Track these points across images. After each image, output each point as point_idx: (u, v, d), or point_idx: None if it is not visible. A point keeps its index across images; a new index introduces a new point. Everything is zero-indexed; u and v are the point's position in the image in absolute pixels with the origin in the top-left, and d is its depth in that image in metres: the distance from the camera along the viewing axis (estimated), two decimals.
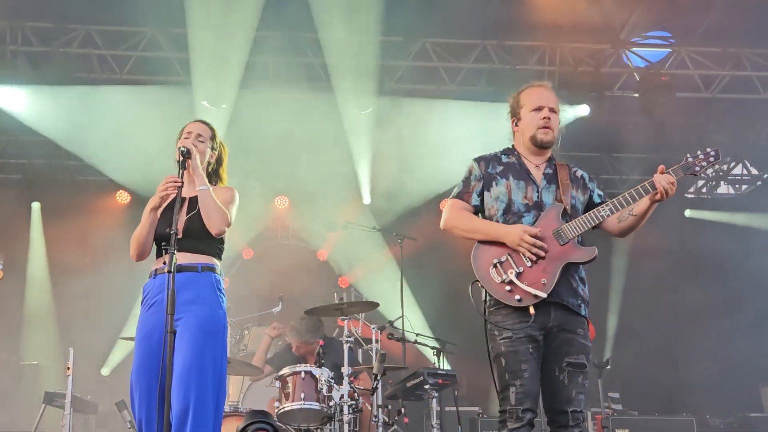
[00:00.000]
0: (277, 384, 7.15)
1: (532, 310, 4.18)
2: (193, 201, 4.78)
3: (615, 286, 12.45)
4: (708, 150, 4.36)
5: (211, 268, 4.70)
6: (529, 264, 4.23)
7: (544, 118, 4.47)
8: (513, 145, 4.63)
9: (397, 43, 10.52)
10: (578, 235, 4.33)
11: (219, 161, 5.02)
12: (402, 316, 8.94)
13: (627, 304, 12.31)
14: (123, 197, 12.09)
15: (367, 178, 11.82)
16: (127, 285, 8.96)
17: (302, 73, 10.50)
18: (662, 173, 4.26)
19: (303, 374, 7.04)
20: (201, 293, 4.60)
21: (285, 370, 7.17)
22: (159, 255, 4.73)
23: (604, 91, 10.68)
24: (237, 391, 8.29)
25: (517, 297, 4.22)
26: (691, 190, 13.44)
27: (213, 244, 4.77)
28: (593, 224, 4.32)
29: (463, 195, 4.48)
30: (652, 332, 11.86)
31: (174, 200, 4.59)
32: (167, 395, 4.21)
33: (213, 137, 4.99)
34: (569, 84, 10.57)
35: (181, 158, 4.70)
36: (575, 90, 10.51)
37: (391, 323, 8.95)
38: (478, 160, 4.56)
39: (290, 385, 7.07)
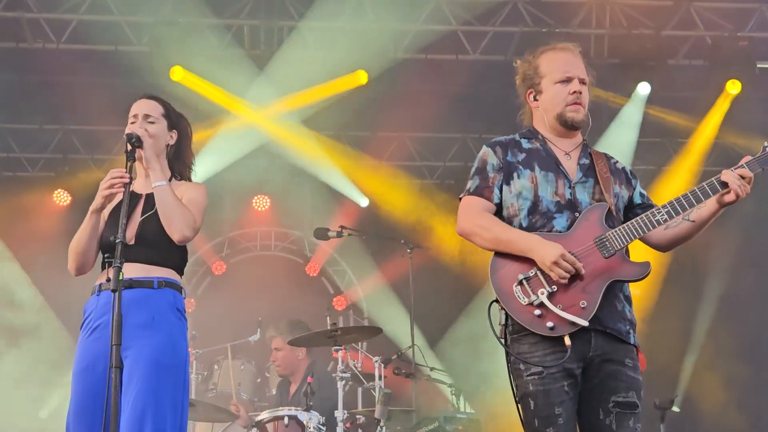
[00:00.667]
0: None
1: (568, 342, 4.04)
2: (150, 199, 4.76)
3: (706, 303, 12.29)
4: None
5: (171, 284, 4.69)
6: (564, 281, 4.07)
7: (575, 92, 4.32)
8: (533, 126, 4.48)
9: (405, 1, 10.47)
10: (626, 246, 4.20)
11: (182, 143, 5.00)
12: (412, 346, 8.93)
13: (716, 326, 12.17)
14: (62, 198, 12.10)
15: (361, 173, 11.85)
16: (66, 305, 8.97)
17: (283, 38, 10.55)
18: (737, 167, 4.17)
19: (286, 420, 7.07)
20: (157, 315, 4.58)
21: (264, 415, 7.20)
22: (104, 267, 4.72)
23: (666, 59, 10.63)
24: None
25: (549, 324, 4.06)
26: None
27: (173, 254, 4.75)
28: (646, 232, 4.19)
29: (482, 191, 4.32)
30: (745, 364, 11.77)
31: (124, 200, 4.53)
32: None
33: (167, 114, 4.96)
34: (622, 51, 10.55)
35: (129, 147, 4.68)
36: (629, 58, 10.48)
37: (398, 355, 8.95)
38: (492, 145, 4.41)
39: None
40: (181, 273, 4.82)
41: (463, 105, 11.55)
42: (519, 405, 4.17)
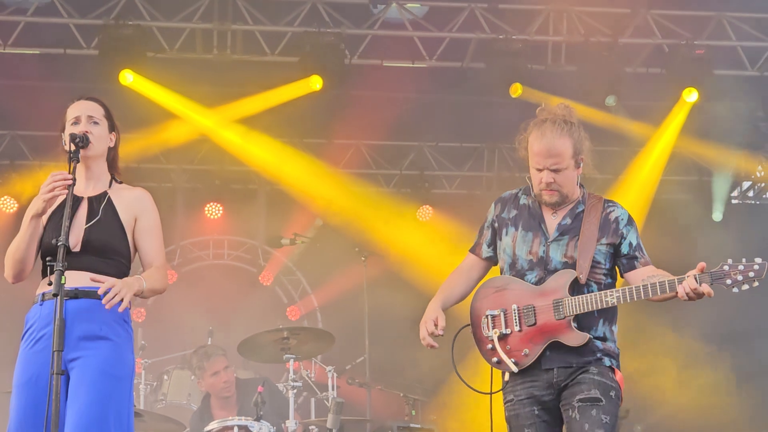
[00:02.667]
0: None
1: (507, 377, 4.77)
2: (93, 203, 4.73)
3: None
4: (752, 263, 4.53)
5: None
6: (517, 328, 4.73)
7: (544, 182, 4.77)
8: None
9: (360, 6, 10.53)
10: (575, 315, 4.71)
11: (118, 145, 4.99)
12: (366, 356, 8.91)
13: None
14: (8, 205, 11.94)
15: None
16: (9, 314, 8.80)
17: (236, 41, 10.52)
18: (700, 272, 4.54)
19: (236, 430, 7.02)
20: (104, 327, 4.56)
21: (213, 425, 7.16)
22: (46, 274, 4.67)
23: (623, 66, 10.70)
24: None
25: (495, 359, 4.75)
26: (735, 194, 13.50)
27: (119, 262, 4.72)
28: (596, 308, 4.68)
29: (474, 248, 5.06)
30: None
31: (63, 203, 4.52)
32: None
33: (108, 115, 4.94)
34: (579, 58, 10.60)
35: (73, 148, 4.66)
36: (586, 66, 10.53)
37: (353, 365, 8.94)
38: (497, 201, 5.03)
39: None
40: None
41: (419, 112, 11.59)
42: None
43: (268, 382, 8.18)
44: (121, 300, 4.44)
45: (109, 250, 4.67)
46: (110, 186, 4.86)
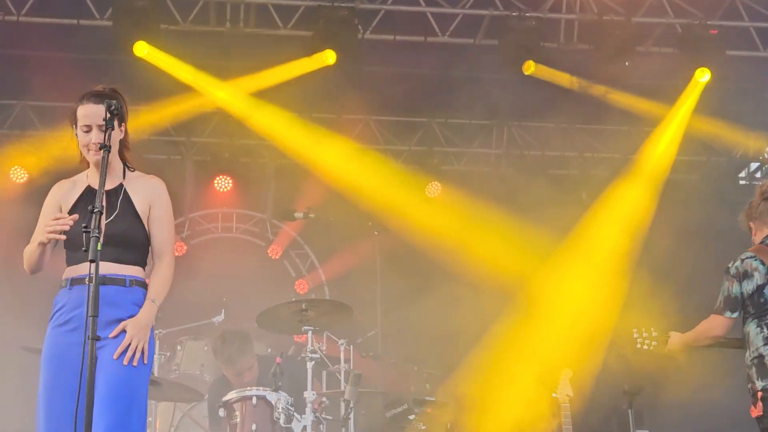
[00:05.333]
0: (222, 413, 7.17)
1: None
2: (111, 196, 4.90)
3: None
4: None
5: (141, 283, 4.91)
6: None
7: None
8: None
9: None
10: None
11: (127, 129, 5.08)
12: (378, 329, 8.94)
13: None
14: (19, 175, 11.91)
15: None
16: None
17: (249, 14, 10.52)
18: None
19: (255, 400, 7.09)
20: (130, 311, 4.82)
21: (231, 395, 7.20)
22: (71, 262, 4.88)
23: (635, 46, 10.71)
24: (167, 423, 8.27)
25: None
26: (743, 174, 13.54)
27: (139, 252, 4.96)
28: None
29: None
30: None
31: (83, 197, 4.89)
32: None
33: (115, 108, 4.77)
34: (592, 37, 10.62)
35: (108, 115, 4.74)
36: (600, 45, 10.55)
37: (364, 338, 8.96)
38: None
39: (238, 414, 7.14)
40: (144, 268, 5.02)
41: (430, 88, 11.59)
42: None
43: (287, 355, 8.23)
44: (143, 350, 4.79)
45: (130, 240, 4.90)
46: (124, 176, 5.03)
